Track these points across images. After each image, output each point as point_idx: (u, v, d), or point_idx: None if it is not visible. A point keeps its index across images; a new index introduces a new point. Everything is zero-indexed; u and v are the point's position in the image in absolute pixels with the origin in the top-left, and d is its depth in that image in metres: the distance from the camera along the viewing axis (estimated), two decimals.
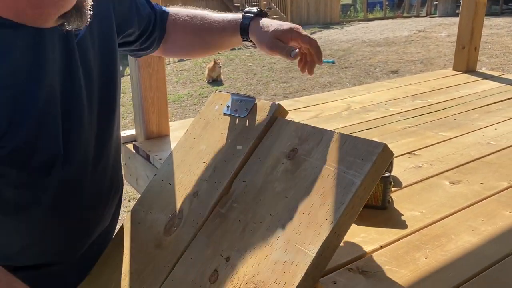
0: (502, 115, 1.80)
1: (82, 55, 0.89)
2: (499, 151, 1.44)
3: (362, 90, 2.32)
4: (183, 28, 1.14)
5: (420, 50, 7.93)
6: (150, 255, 1.02)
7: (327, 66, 7.33)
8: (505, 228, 1.00)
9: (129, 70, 1.69)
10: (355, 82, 6.24)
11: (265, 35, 1.01)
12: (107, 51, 0.98)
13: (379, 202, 1.08)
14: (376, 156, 0.81)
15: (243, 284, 0.82)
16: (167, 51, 1.20)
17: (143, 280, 0.99)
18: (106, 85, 0.98)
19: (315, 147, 0.90)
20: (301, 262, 0.78)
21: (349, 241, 0.95)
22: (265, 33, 1.01)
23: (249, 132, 1.02)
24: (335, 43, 9.11)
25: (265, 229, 0.86)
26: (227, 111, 1.09)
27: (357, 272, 0.86)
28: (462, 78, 2.45)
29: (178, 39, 1.16)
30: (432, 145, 1.50)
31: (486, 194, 1.15)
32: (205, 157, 1.06)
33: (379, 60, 7.45)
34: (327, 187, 0.82)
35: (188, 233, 0.98)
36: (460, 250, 0.92)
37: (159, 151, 1.58)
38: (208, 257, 0.91)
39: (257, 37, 1.03)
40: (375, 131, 1.68)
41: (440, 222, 1.03)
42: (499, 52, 7.26)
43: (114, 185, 1.10)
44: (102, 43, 0.96)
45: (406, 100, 2.08)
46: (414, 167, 1.33)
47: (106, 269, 1.07)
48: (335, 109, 1.98)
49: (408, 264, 0.88)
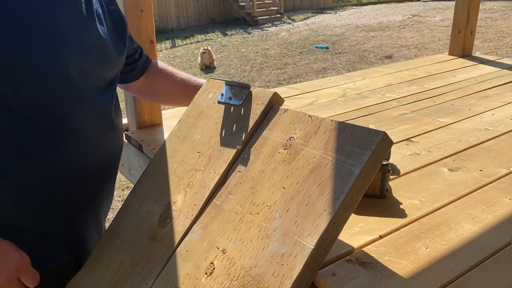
0: (499, 100, 1.78)
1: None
2: (497, 137, 1.42)
3: (358, 76, 2.29)
4: (166, 78, 1.29)
5: (414, 34, 7.89)
6: (145, 247, 1.00)
7: (321, 51, 7.28)
8: (505, 216, 0.98)
9: None
10: (349, 68, 6.21)
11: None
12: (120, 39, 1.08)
13: (378, 191, 1.06)
14: (376, 145, 0.78)
15: (240, 277, 0.80)
16: (142, 93, 1.33)
17: (138, 273, 0.97)
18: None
19: (313, 136, 0.87)
20: (299, 254, 0.76)
21: (348, 231, 0.93)
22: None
23: (245, 120, 0.99)
24: (329, 28, 9.05)
25: (262, 220, 0.83)
26: (221, 99, 1.06)
27: (357, 263, 0.84)
28: (458, 63, 2.43)
29: (157, 84, 1.29)
30: (429, 132, 1.48)
31: (486, 181, 1.14)
32: (200, 147, 1.03)
33: (373, 45, 7.41)
34: (325, 177, 0.80)
35: (183, 225, 0.96)
36: (461, 239, 0.90)
37: (152, 141, 1.55)
38: (204, 250, 0.89)
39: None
40: (371, 118, 1.66)
41: (439, 210, 1.01)
42: (493, 36, 7.24)
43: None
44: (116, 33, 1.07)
45: (402, 86, 2.06)
46: (412, 154, 1.31)
47: (100, 262, 1.05)
48: (330, 96, 1.95)
49: (409, 254, 0.86)
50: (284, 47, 7.79)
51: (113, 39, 1.04)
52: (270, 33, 9.13)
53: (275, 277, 0.76)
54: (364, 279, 0.80)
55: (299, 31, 9.10)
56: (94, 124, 0.99)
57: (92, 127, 0.98)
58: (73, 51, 0.91)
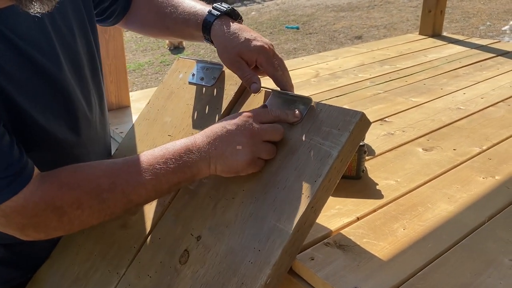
0: (470, 79, 1.79)
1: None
2: (469, 115, 1.43)
3: (330, 56, 2.26)
4: (148, 6, 1.02)
5: (383, 15, 7.92)
6: (115, 235, 0.95)
7: (292, 32, 7.23)
8: (480, 195, 0.99)
9: None
10: (320, 49, 6.19)
11: (228, 47, 0.86)
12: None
13: (354, 172, 1.04)
14: (353, 126, 0.76)
15: (216, 264, 0.77)
16: (128, 25, 1.08)
17: (109, 262, 0.93)
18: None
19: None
20: (277, 240, 0.73)
21: (325, 214, 0.91)
22: (229, 44, 0.86)
23: (218, 102, 0.95)
24: (299, 8, 8.99)
25: (238, 205, 0.80)
26: (192, 80, 1.01)
27: (335, 246, 0.83)
28: (428, 43, 2.43)
29: (140, 15, 1.04)
30: (403, 111, 1.48)
31: (459, 160, 1.14)
32: (171, 130, 0.99)
33: (343, 25, 7.40)
34: (302, 159, 0.78)
35: (155, 212, 0.92)
36: (437, 219, 0.90)
37: (119, 124, 1.49)
38: (178, 237, 0.85)
39: (219, 44, 0.88)
40: (345, 98, 1.64)
41: (415, 190, 1.01)
42: (459, 17, 7.34)
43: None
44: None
45: (375, 66, 2.05)
46: (386, 135, 1.30)
47: (68, 251, 1.00)
48: (304, 76, 1.93)
49: (387, 236, 0.85)
50: (255, 27, 7.69)
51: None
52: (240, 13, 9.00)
53: (252, 264, 0.73)
54: (343, 262, 0.79)
55: (269, 11, 9.00)
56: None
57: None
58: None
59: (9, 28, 0.74)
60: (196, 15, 0.92)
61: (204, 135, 0.79)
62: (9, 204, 0.70)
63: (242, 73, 0.86)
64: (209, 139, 0.77)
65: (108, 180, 0.76)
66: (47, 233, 0.77)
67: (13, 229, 0.74)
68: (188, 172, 0.77)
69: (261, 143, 0.78)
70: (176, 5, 0.97)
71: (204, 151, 0.77)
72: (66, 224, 0.75)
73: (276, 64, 0.86)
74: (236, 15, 0.92)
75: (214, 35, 0.89)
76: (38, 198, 0.72)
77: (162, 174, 0.76)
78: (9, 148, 0.71)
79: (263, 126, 0.78)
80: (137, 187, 0.76)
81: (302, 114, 0.81)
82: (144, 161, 0.77)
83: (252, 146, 0.76)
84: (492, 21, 6.77)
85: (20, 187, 0.70)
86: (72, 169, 0.77)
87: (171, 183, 0.77)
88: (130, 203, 0.78)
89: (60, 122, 0.86)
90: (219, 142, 0.77)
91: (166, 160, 0.76)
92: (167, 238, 0.87)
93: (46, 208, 0.72)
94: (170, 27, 0.99)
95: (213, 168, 0.78)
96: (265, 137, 0.78)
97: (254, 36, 0.86)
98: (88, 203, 0.75)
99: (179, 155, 0.77)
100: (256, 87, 0.84)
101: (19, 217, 0.72)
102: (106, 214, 0.77)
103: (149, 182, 0.76)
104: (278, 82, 0.87)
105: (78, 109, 0.89)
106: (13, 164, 0.70)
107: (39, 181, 0.73)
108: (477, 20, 6.94)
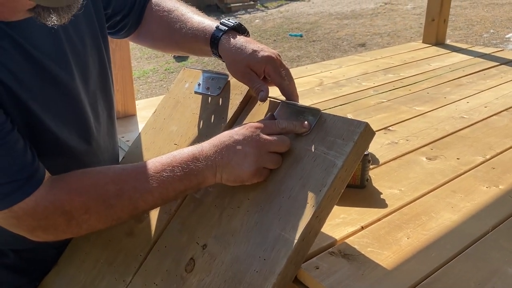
0: (473, 88, 1.80)
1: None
2: (472, 125, 1.43)
3: (334, 65, 2.28)
4: (158, 21, 1.03)
5: (387, 22, 7.95)
6: (121, 243, 0.96)
7: (295, 39, 7.26)
8: (484, 204, 0.99)
9: None
10: (323, 56, 6.21)
11: (237, 59, 0.88)
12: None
13: (358, 181, 1.05)
14: (358, 136, 0.77)
15: (222, 272, 0.78)
16: (139, 39, 1.10)
17: (115, 269, 0.94)
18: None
19: None
20: (282, 249, 0.74)
21: (329, 223, 0.92)
22: (238, 57, 0.88)
23: (223, 111, 0.96)
24: (303, 16, 9.03)
25: (243, 214, 0.81)
26: (198, 89, 1.02)
27: (340, 255, 0.83)
28: (431, 51, 2.44)
29: (150, 30, 1.06)
30: (406, 120, 1.49)
31: (463, 169, 1.14)
32: (177, 139, 1.00)
33: (346, 33, 7.43)
34: (307, 169, 0.78)
35: (161, 220, 0.93)
36: (441, 228, 0.90)
37: (125, 132, 1.51)
38: (183, 245, 0.86)
39: (227, 57, 0.91)
40: (349, 107, 1.65)
41: (419, 200, 1.01)
42: (463, 24, 7.36)
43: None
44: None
45: (378, 74, 2.06)
46: (390, 143, 1.31)
47: (75, 258, 1.01)
48: (307, 85, 1.94)
49: (391, 245, 0.86)
50: (258, 35, 7.73)
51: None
52: (244, 21, 9.05)
53: (258, 273, 0.74)
54: (348, 271, 0.80)
55: (272, 18, 9.05)
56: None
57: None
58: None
59: (26, 39, 0.77)
60: (205, 30, 0.94)
61: (211, 144, 0.80)
62: (21, 206, 0.72)
63: (253, 84, 0.88)
64: (216, 148, 0.79)
65: (116, 187, 0.77)
66: (56, 235, 0.79)
67: (24, 230, 0.77)
68: (194, 180, 0.78)
69: (267, 154, 0.79)
70: (185, 20, 0.99)
71: (211, 159, 0.78)
72: (74, 228, 0.77)
73: (283, 74, 0.88)
74: (243, 30, 0.94)
75: (222, 49, 0.91)
76: (48, 202, 0.74)
77: (169, 182, 0.77)
78: (23, 152, 0.73)
79: (270, 138, 0.80)
80: (144, 194, 0.77)
81: (311, 125, 0.81)
82: (151, 169, 0.78)
83: (258, 156, 0.78)
84: (496, 29, 6.78)
85: (32, 190, 0.73)
86: (81, 174, 0.79)
87: (178, 190, 0.79)
88: (136, 210, 0.79)
89: (70, 130, 0.88)
90: (226, 151, 0.78)
91: (173, 167, 0.78)
92: (173, 246, 0.87)
93: (55, 211, 0.75)
94: (179, 42, 1.01)
95: (218, 177, 0.79)
96: (271, 148, 0.79)
97: (261, 47, 0.88)
98: (96, 209, 0.77)
99: (186, 163, 0.78)
100: (263, 95, 0.86)
101: (29, 219, 0.74)
102: (113, 219, 0.79)
103: (156, 190, 0.77)
104: (285, 92, 0.88)
105: (87, 118, 0.91)
106: (26, 167, 0.73)
107: (50, 185, 0.75)
108: (481, 28, 6.95)
